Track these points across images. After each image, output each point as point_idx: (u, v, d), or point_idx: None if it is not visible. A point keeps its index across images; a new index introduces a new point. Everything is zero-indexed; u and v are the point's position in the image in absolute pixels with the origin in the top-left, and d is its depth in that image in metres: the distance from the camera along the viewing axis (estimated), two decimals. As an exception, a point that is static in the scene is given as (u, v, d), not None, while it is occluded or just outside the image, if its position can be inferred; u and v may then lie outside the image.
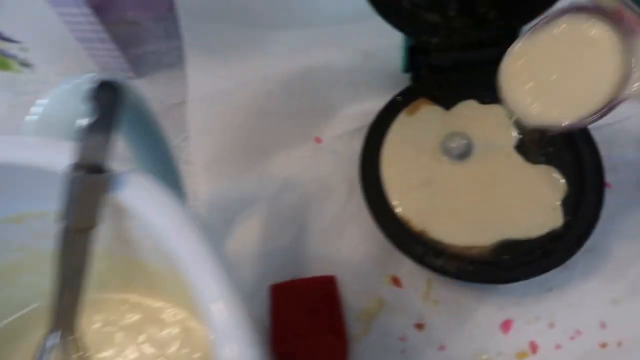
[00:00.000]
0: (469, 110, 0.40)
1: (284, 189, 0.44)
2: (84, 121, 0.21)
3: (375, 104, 0.43)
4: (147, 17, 0.51)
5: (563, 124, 0.30)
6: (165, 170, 0.34)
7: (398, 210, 0.37)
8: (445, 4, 0.38)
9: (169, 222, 0.18)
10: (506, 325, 0.38)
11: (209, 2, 0.48)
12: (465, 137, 0.38)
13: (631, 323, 0.37)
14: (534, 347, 0.37)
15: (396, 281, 0.40)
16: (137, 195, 0.19)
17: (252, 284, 0.40)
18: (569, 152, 0.38)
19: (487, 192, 0.37)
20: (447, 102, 0.41)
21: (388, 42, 0.43)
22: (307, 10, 0.51)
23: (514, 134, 0.39)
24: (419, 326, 0.38)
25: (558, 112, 0.30)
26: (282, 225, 0.42)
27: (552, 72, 0.30)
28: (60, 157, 0.20)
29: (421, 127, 0.40)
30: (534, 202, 0.36)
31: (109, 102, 0.22)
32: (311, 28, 0.50)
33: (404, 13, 0.38)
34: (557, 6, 0.31)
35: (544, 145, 0.38)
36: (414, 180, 0.38)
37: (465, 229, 0.36)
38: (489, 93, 0.38)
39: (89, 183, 0.20)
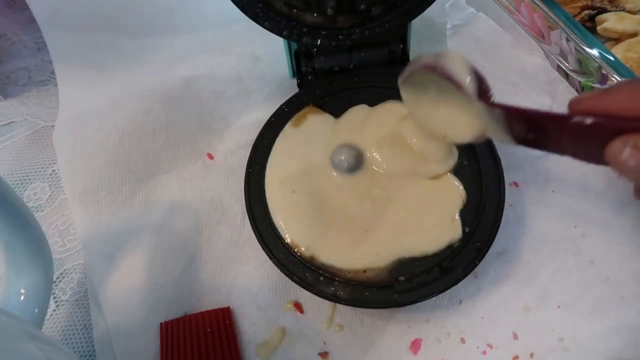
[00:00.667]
0: (359, 116, 0.37)
1: (173, 215, 0.40)
2: None
3: (269, 113, 0.39)
4: (14, 28, 0.46)
5: None
6: (8, 216, 0.29)
7: (285, 235, 0.33)
8: (322, 3, 0.34)
9: None
10: (416, 345, 0.35)
11: (74, 6, 0.43)
12: (354, 148, 0.35)
13: (542, 332, 0.35)
14: (445, 367, 0.35)
15: (298, 306, 0.37)
16: None
17: (141, 323, 0.36)
18: (466, 155, 0.35)
19: (380, 207, 0.34)
20: (336, 108, 0.38)
21: (278, 44, 0.40)
22: (189, 13, 0.46)
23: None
24: (324, 355, 0.35)
25: None
26: (172, 255, 0.38)
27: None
28: None
29: (309, 139, 0.36)
30: (431, 213, 0.34)
31: None
32: (194, 33, 0.45)
33: (280, 16, 0.35)
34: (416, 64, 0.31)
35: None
36: (301, 202, 0.34)
37: (357, 251, 0.33)
38: (378, 95, 0.35)
39: None
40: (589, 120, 0.23)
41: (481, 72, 0.28)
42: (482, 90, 0.28)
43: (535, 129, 0.26)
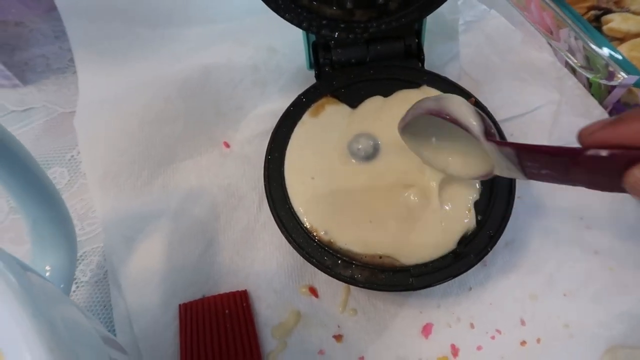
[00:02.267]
0: (375, 107, 0.38)
1: (191, 200, 0.41)
2: None
3: (284, 103, 0.40)
4: (30, 16, 0.47)
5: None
6: (36, 196, 0.30)
7: (304, 220, 0.34)
8: (342, -5, 0.35)
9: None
10: (427, 330, 0.37)
11: (92, -3, 0.44)
12: (371, 137, 0.36)
13: (549, 318, 0.36)
14: (455, 350, 0.36)
15: (313, 291, 0.38)
16: None
17: (160, 304, 0.37)
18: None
19: (397, 195, 0.35)
20: (353, 99, 0.39)
21: (293, 36, 0.41)
22: (206, 5, 0.47)
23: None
24: (338, 337, 0.36)
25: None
26: (190, 239, 0.39)
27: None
28: None
29: (326, 128, 0.37)
30: (448, 202, 0.35)
31: None
32: (210, 24, 0.46)
33: (301, 8, 0.36)
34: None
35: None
36: (319, 188, 0.35)
37: (374, 237, 0.34)
38: (393, 86, 0.36)
39: None
40: (604, 153, 0.23)
41: (482, 113, 0.29)
42: (487, 130, 0.29)
43: (548, 165, 0.26)
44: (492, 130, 0.29)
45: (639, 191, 0.23)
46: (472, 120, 0.28)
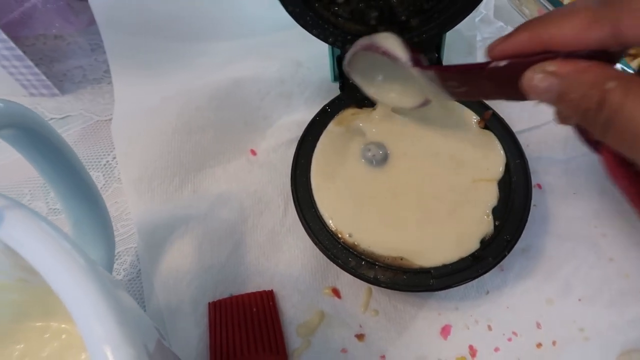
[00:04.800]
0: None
1: (219, 205, 0.43)
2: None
3: (308, 114, 0.42)
4: (70, 30, 0.49)
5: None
6: (81, 196, 0.32)
7: (330, 222, 0.36)
8: (366, 14, 0.37)
9: (46, 262, 0.17)
10: (445, 331, 0.38)
11: (130, 13, 0.46)
12: (381, 145, 0.38)
13: (564, 322, 0.37)
14: (473, 351, 0.37)
15: (336, 292, 0.39)
16: (12, 234, 0.18)
17: (190, 302, 0.39)
18: (496, 155, 0.38)
19: (417, 199, 0.37)
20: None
21: (318, 51, 0.43)
22: (236, 21, 0.50)
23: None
24: (360, 337, 0.38)
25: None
26: (219, 242, 0.41)
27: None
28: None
29: (350, 137, 0.39)
30: (469, 208, 0.36)
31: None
32: (240, 39, 0.49)
33: (327, 24, 0.38)
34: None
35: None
36: (344, 193, 0.37)
37: (395, 239, 0.35)
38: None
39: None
40: (502, 63, 0.26)
41: (410, 46, 0.33)
42: (416, 59, 0.32)
43: (464, 81, 0.29)
44: (421, 60, 0.32)
45: (532, 91, 0.24)
46: (398, 50, 0.32)
